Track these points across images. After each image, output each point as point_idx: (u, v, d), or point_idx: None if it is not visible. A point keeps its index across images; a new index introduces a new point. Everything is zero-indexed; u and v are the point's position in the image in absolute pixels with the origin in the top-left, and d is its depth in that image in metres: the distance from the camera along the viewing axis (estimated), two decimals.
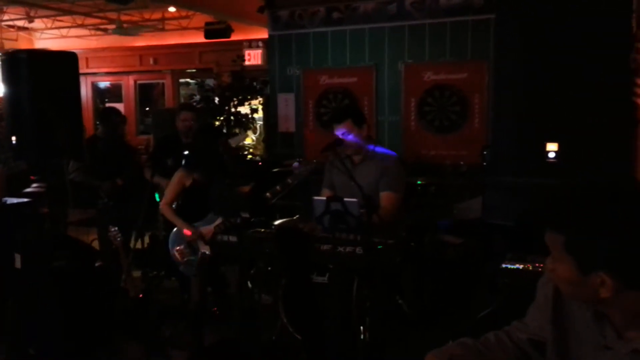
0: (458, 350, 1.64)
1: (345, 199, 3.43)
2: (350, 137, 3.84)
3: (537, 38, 3.59)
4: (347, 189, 3.74)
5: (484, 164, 4.94)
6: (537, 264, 3.29)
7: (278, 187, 3.86)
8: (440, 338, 2.14)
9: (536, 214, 3.24)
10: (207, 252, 4.01)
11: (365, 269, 3.38)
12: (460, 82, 5.96)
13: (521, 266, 3.28)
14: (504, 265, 3.34)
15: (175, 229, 4.17)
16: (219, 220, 3.99)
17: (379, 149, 4.04)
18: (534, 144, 3.56)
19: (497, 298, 3.39)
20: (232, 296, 4.47)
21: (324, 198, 3.58)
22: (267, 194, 3.89)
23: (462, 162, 5.91)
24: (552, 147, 3.48)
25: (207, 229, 4.04)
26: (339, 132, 3.84)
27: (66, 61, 4.38)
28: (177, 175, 4.14)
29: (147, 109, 13.53)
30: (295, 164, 4.09)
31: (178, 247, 4.12)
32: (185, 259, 4.10)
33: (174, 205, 4.32)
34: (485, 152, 4.92)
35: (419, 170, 5.59)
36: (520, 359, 1.67)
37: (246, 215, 3.55)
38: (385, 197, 3.81)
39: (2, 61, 4.36)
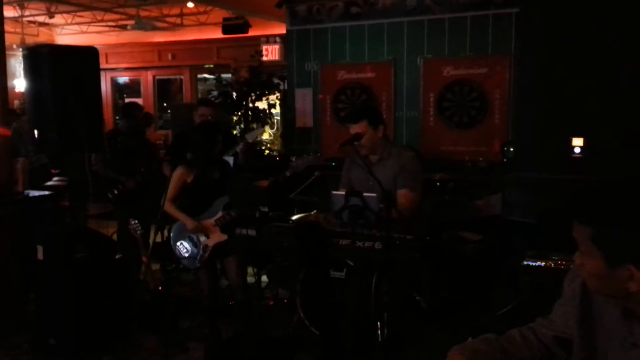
0: (482, 346, 1.62)
1: (365, 194, 3.41)
2: (365, 139, 3.81)
3: (562, 32, 3.54)
4: (365, 184, 3.72)
5: (505, 160, 4.89)
6: (559, 262, 3.27)
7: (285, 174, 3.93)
8: (458, 335, 2.12)
9: (562, 209, 3.21)
10: (209, 245, 4.02)
11: (384, 264, 3.36)
12: (480, 78, 5.91)
13: (543, 263, 3.26)
14: (525, 262, 3.32)
15: (176, 224, 4.18)
16: (220, 214, 4.00)
17: (395, 147, 4.02)
18: (558, 139, 3.52)
19: (518, 295, 3.36)
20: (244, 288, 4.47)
21: (343, 192, 3.57)
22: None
23: (481, 159, 5.85)
24: (577, 143, 3.43)
25: (209, 222, 4.06)
26: (354, 132, 3.82)
27: (87, 56, 4.39)
28: (178, 173, 4.16)
29: (165, 104, 13.61)
30: (293, 158, 4.24)
31: (179, 242, 4.14)
32: (187, 254, 4.11)
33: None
34: (505, 149, 4.88)
35: (438, 166, 5.54)
36: (544, 357, 1.65)
37: (265, 209, 3.55)
38: (403, 195, 3.79)
39: (24, 56, 4.40)
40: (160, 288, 4.30)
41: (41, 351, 4.01)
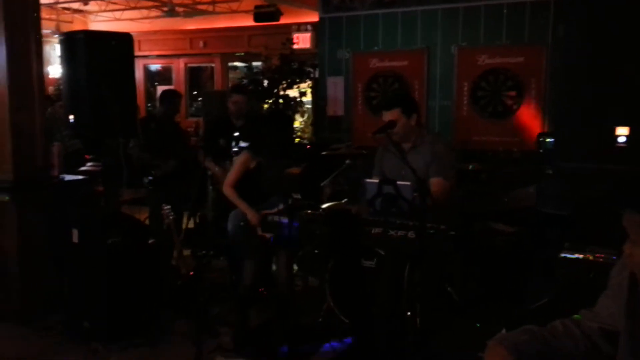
0: (523, 337, 1.59)
1: (398, 182, 3.38)
2: (397, 127, 3.76)
3: (606, 18, 3.43)
4: (398, 173, 3.68)
5: (540, 150, 4.80)
6: (597, 254, 3.20)
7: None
8: (491, 327, 2.09)
9: (603, 200, 3.13)
10: (266, 236, 3.99)
11: (417, 254, 3.32)
12: (516, 67, 5.79)
13: (581, 256, 3.19)
14: (562, 255, 3.25)
15: (233, 212, 4.15)
16: (281, 206, 3.95)
17: (429, 135, 3.96)
18: (602, 128, 3.42)
19: (554, 288, 3.30)
20: (278, 277, 4.48)
21: (376, 181, 3.54)
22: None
23: (515, 149, 5.75)
24: (622, 132, 3.33)
25: (268, 213, 4.02)
26: (387, 119, 3.77)
27: (122, 42, 4.42)
28: (242, 157, 4.12)
29: (195, 92, 13.69)
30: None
31: (236, 230, 4.10)
32: (242, 241, 4.09)
33: None
34: (541, 139, 4.78)
35: (470, 156, 5.47)
36: (589, 350, 1.61)
37: (298, 196, 3.54)
38: (436, 184, 3.74)
39: (61, 41, 4.44)
40: (191, 273, 4.33)
41: (74, 333, 4.07)
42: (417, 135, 3.85)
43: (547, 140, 4.73)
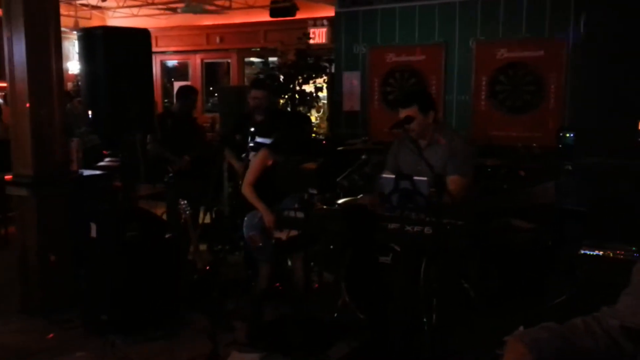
0: (543, 334, 1.57)
1: (415, 177, 3.35)
2: (414, 124, 3.73)
3: (629, 11, 3.37)
4: (414, 168, 3.65)
5: (560, 146, 4.74)
6: (617, 251, 3.15)
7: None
8: (508, 324, 2.07)
9: (624, 196, 3.08)
10: (283, 239, 3.98)
11: (433, 249, 3.30)
12: (536, 61, 5.71)
13: (601, 253, 3.15)
14: (582, 252, 3.21)
15: (250, 213, 4.14)
16: (297, 206, 3.92)
17: (446, 131, 3.93)
18: (623, 124, 3.36)
19: (574, 285, 3.26)
20: (294, 275, 4.48)
21: (393, 176, 3.51)
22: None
23: (534, 144, 5.68)
24: None
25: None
26: (403, 116, 3.74)
27: (139, 38, 4.43)
28: (261, 155, 4.09)
29: (211, 88, 13.72)
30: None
31: (252, 233, 4.10)
32: (259, 244, 4.07)
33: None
34: (561, 134, 4.72)
35: (489, 152, 5.41)
36: (609, 347, 1.58)
37: (314, 191, 3.53)
38: (454, 181, 3.70)
39: (79, 37, 4.47)
40: (207, 268, 4.35)
41: (93, 326, 4.10)
42: (433, 132, 3.81)
43: (567, 135, 4.66)
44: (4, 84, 4.80)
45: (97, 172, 5.14)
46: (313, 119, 10.17)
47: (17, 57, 4.27)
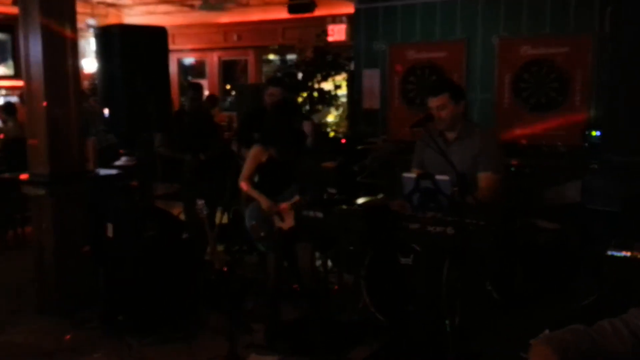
0: (569, 336, 1.49)
1: (437, 177, 3.26)
2: (445, 113, 3.63)
3: None
4: (439, 167, 3.55)
5: (586, 144, 4.62)
6: None
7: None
8: (534, 326, 1.98)
9: None
10: (284, 228, 3.95)
11: (456, 250, 3.21)
12: (560, 57, 5.58)
13: (629, 254, 3.05)
14: (609, 253, 3.11)
15: (252, 204, 4.14)
16: (297, 197, 3.91)
17: (476, 126, 3.82)
18: None
19: (601, 286, 3.16)
20: (313, 274, 4.42)
21: (414, 175, 3.43)
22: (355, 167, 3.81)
23: (559, 143, 5.55)
24: None
25: (284, 205, 3.99)
26: (434, 105, 3.64)
27: (156, 36, 4.40)
28: (253, 151, 4.15)
29: (228, 86, 13.71)
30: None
31: (254, 222, 4.10)
32: (261, 234, 4.08)
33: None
34: (587, 132, 4.60)
35: (513, 151, 5.30)
36: (637, 349, 1.49)
37: (333, 191, 3.46)
38: (485, 178, 3.60)
39: (96, 35, 4.45)
40: (225, 269, 4.30)
41: (110, 327, 4.08)
42: (463, 125, 3.71)
43: (594, 133, 4.54)
44: (20, 83, 4.80)
45: (114, 171, 5.13)
46: (332, 117, 10.12)
47: (33, 55, 4.26)
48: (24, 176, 4.50)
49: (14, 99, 10.09)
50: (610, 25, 4.26)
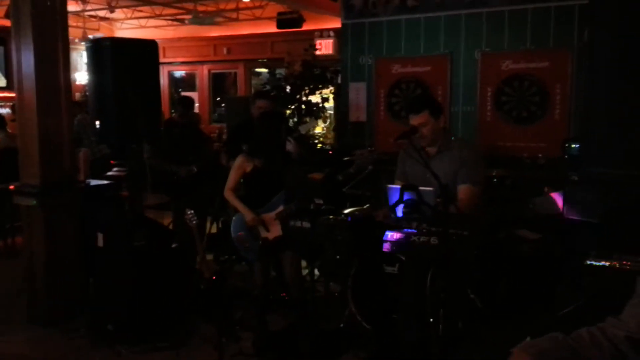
0: (548, 345, 1.56)
1: (421, 188, 3.35)
2: (426, 129, 3.74)
3: (634, 21, 3.37)
4: (422, 178, 3.65)
5: (566, 157, 4.73)
6: (624, 262, 3.14)
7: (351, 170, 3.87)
8: (516, 335, 2.06)
9: (633, 207, 3.07)
10: (269, 238, 4.02)
11: (439, 259, 3.30)
12: (541, 72, 5.71)
13: (607, 263, 3.13)
14: (588, 262, 3.20)
15: (237, 215, 4.20)
16: (281, 207, 3.97)
17: (455, 140, 3.93)
18: (630, 133, 3.35)
19: (581, 296, 3.24)
20: (299, 283, 4.48)
21: (398, 186, 3.51)
22: (339, 176, 3.89)
23: (540, 155, 5.67)
24: None
25: (269, 216, 4.04)
26: (416, 122, 3.74)
27: (147, 49, 4.49)
28: (238, 161, 4.18)
29: (218, 98, 13.79)
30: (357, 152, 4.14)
31: (240, 233, 4.15)
32: (246, 245, 4.12)
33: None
34: (567, 145, 4.71)
35: (495, 162, 5.39)
36: (614, 358, 1.57)
37: (320, 201, 3.54)
38: (464, 191, 3.69)
39: (87, 48, 4.52)
40: (214, 278, 4.35)
41: (99, 336, 4.11)
42: (443, 139, 3.82)
43: (573, 146, 4.65)
44: (12, 94, 4.85)
45: (104, 181, 5.18)
46: (319, 129, 10.21)
47: (26, 67, 4.32)
48: (13, 186, 4.53)
49: (5, 110, 10.15)
50: (588, 41, 4.39)
